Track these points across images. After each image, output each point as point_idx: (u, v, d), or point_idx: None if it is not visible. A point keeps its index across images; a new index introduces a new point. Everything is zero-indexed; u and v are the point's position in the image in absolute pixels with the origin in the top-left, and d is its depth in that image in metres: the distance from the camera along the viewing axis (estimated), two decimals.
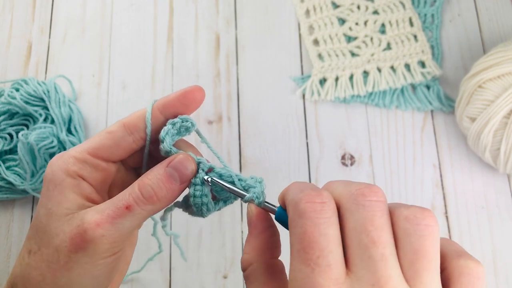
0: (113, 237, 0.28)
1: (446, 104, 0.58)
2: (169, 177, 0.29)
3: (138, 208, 0.28)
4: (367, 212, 0.23)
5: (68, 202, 0.29)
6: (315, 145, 0.58)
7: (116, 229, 0.28)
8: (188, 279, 0.53)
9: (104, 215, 0.28)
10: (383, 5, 0.63)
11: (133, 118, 0.31)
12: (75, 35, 0.64)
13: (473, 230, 0.54)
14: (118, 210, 0.28)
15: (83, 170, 0.30)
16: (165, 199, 0.29)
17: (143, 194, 0.29)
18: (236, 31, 0.63)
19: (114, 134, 0.30)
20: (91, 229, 0.28)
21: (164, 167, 0.29)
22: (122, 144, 0.31)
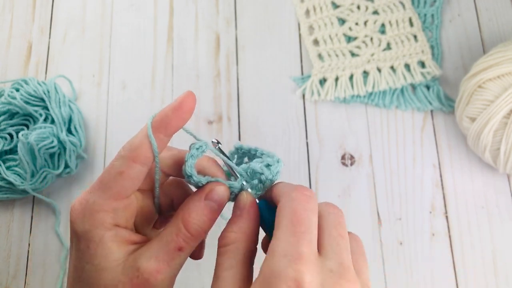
0: (170, 277, 0.30)
1: (446, 104, 0.58)
2: (211, 210, 0.31)
3: (188, 247, 0.30)
4: (338, 217, 0.29)
5: (114, 253, 0.30)
6: (315, 145, 0.58)
7: (172, 270, 0.30)
8: (188, 279, 0.53)
9: (160, 261, 0.29)
10: (383, 5, 0.63)
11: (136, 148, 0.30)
12: (75, 35, 0.64)
13: (473, 230, 0.54)
14: (172, 254, 0.30)
15: (116, 218, 0.30)
16: (209, 229, 0.31)
17: (191, 233, 0.30)
18: (236, 31, 0.63)
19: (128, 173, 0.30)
20: (153, 277, 0.29)
21: (203, 200, 0.31)
22: (140, 177, 0.31)
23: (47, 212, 0.56)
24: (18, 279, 0.54)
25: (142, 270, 0.29)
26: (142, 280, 0.29)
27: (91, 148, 0.59)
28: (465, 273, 0.53)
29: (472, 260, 0.53)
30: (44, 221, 0.56)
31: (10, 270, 0.54)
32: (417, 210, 0.55)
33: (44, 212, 0.56)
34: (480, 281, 0.52)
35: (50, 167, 0.55)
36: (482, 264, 0.53)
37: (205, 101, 0.60)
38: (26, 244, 0.55)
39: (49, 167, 0.55)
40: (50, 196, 0.56)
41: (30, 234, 0.56)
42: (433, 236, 0.54)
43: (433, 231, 0.54)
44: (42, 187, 0.55)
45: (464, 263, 0.53)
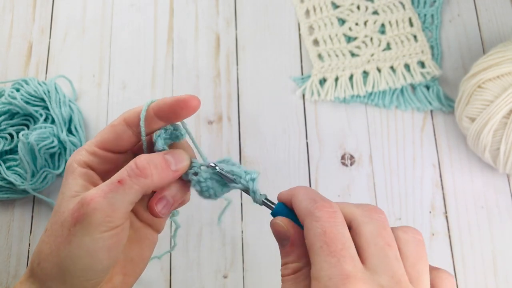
0: (106, 210, 0.30)
1: (445, 104, 0.58)
2: (166, 160, 0.32)
3: (130, 182, 0.31)
4: (379, 223, 0.27)
5: (76, 186, 0.32)
6: (315, 145, 0.58)
7: (108, 203, 0.30)
8: (188, 279, 0.53)
9: (99, 191, 0.31)
10: (383, 6, 0.63)
11: (132, 113, 0.34)
12: (76, 35, 0.64)
13: (473, 230, 0.54)
14: (111, 185, 0.31)
15: (92, 161, 0.34)
16: (157, 177, 0.32)
17: (137, 165, 0.31)
18: (236, 31, 0.63)
19: (116, 127, 0.34)
20: (86, 203, 0.30)
21: (163, 152, 0.33)
22: (123, 136, 0.34)
23: (48, 212, 0.56)
24: (18, 279, 0.54)
25: (81, 198, 0.31)
26: (78, 205, 0.31)
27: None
28: (465, 273, 0.53)
29: (472, 260, 0.53)
30: (45, 221, 0.56)
31: (11, 270, 0.54)
32: (417, 210, 0.55)
33: (45, 212, 0.56)
34: (480, 281, 0.52)
35: (51, 167, 0.55)
36: (482, 264, 0.53)
37: (205, 101, 0.60)
38: (26, 244, 0.55)
39: (50, 167, 0.55)
40: (50, 196, 0.56)
41: (30, 234, 0.56)
42: (433, 236, 0.54)
43: (433, 231, 0.54)
44: (43, 187, 0.55)
45: (464, 263, 0.53)
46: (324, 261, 0.25)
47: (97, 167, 0.34)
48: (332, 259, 0.25)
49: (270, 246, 0.54)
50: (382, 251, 0.26)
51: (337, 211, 0.28)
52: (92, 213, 0.30)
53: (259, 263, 0.53)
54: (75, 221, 0.30)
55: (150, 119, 0.33)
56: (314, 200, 0.28)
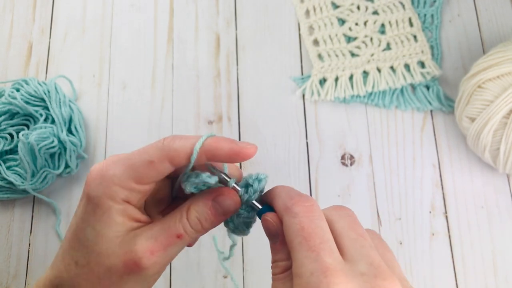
0: (164, 262, 0.31)
1: (445, 104, 0.58)
2: (216, 211, 0.31)
3: (187, 236, 0.31)
4: (350, 218, 0.28)
5: (117, 225, 0.31)
6: (315, 145, 0.58)
7: (167, 255, 0.31)
8: (188, 279, 0.53)
9: (157, 243, 0.30)
10: (383, 6, 0.63)
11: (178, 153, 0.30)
12: (76, 35, 0.64)
13: (473, 230, 0.54)
14: (170, 239, 0.30)
15: (130, 196, 0.31)
16: (209, 228, 0.32)
17: (192, 226, 0.31)
18: (236, 31, 0.63)
19: (157, 166, 0.30)
20: (146, 257, 0.30)
21: (211, 200, 0.31)
22: (166, 173, 0.31)
23: (48, 212, 0.56)
24: (18, 279, 0.54)
25: (137, 247, 0.30)
26: (135, 257, 0.29)
27: (91, 148, 0.59)
28: (464, 273, 0.53)
29: (472, 260, 0.53)
30: (45, 221, 0.56)
31: (11, 270, 0.54)
32: (417, 210, 0.55)
33: (45, 212, 0.56)
34: (480, 281, 0.52)
35: (51, 167, 0.55)
36: (482, 264, 0.53)
37: (205, 101, 0.60)
38: (26, 244, 0.55)
39: (50, 167, 0.55)
40: (50, 196, 0.56)
41: (30, 234, 0.56)
42: (433, 236, 0.54)
43: (433, 231, 0.54)
44: (43, 187, 0.55)
45: (464, 263, 0.53)
46: (304, 257, 0.25)
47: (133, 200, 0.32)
48: (311, 254, 0.25)
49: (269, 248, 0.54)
50: (357, 242, 0.27)
51: (314, 204, 0.28)
52: (152, 267, 0.30)
53: (259, 263, 0.53)
54: (130, 272, 0.30)
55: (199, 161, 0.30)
56: (290, 197, 0.28)
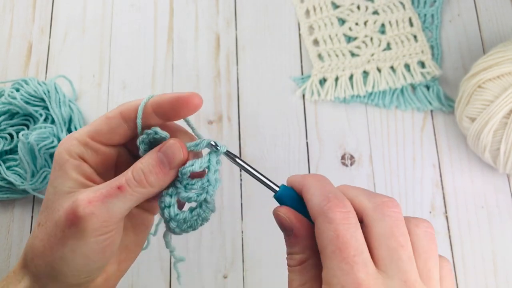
0: (103, 216, 0.29)
1: (445, 104, 0.58)
2: (160, 162, 0.30)
3: (130, 190, 0.30)
4: (393, 221, 0.26)
5: (70, 181, 0.31)
6: (315, 145, 0.58)
7: (106, 208, 0.29)
8: (188, 279, 0.53)
9: (97, 194, 0.29)
10: (383, 5, 0.63)
11: (129, 107, 0.32)
12: (76, 35, 0.64)
13: (473, 230, 0.54)
14: (110, 190, 0.29)
15: (84, 152, 0.32)
16: (155, 183, 0.30)
17: (134, 177, 0.30)
18: (236, 31, 0.63)
19: (111, 120, 0.32)
20: (82, 205, 0.29)
21: (156, 152, 0.31)
22: (118, 130, 0.32)
23: None
24: None
25: (77, 198, 0.29)
26: (74, 206, 0.29)
27: None
28: (465, 273, 0.53)
29: (472, 260, 0.53)
30: None
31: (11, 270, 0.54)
32: (417, 210, 0.55)
33: None
34: (480, 280, 0.52)
35: (50, 167, 0.55)
36: (482, 264, 0.53)
37: (205, 101, 0.60)
38: None
39: (49, 167, 0.55)
40: None
41: (30, 234, 0.56)
42: None
43: None
44: (43, 187, 0.55)
45: (464, 263, 0.53)
46: (337, 268, 0.25)
47: (89, 159, 0.32)
48: (345, 266, 0.25)
49: (270, 246, 0.54)
50: (396, 253, 0.25)
51: (350, 211, 0.27)
52: (88, 217, 0.29)
53: (259, 263, 0.53)
54: (70, 224, 0.29)
55: (148, 115, 0.32)
56: (327, 198, 0.27)
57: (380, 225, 0.26)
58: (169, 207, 0.32)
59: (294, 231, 0.28)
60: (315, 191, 0.28)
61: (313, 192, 0.28)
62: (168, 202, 0.32)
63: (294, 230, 0.28)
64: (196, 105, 0.31)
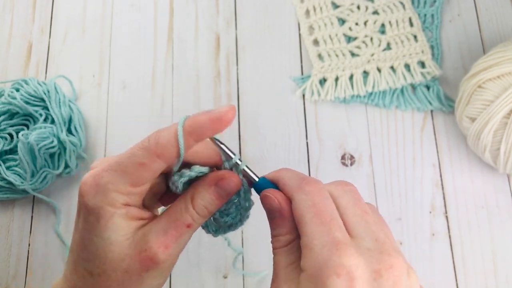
0: (177, 253, 0.32)
1: (446, 104, 0.58)
2: (219, 195, 0.32)
3: (196, 225, 0.32)
4: (352, 194, 0.30)
5: (123, 229, 0.31)
6: (315, 145, 0.58)
7: (180, 245, 0.32)
8: (188, 279, 0.53)
9: (169, 236, 0.31)
10: (383, 5, 0.63)
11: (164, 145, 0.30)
12: (76, 35, 0.64)
13: (473, 230, 0.54)
14: (180, 230, 0.31)
15: (128, 200, 0.31)
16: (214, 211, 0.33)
17: (199, 213, 0.31)
18: (236, 31, 0.63)
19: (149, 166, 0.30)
20: (161, 252, 0.30)
21: (213, 186, 0.32)
22: (159, 171, 0.31)
23: (47, 212, 0.56)
24: (18, 279, 0.54)
25: (150, 244, 0.30)
26: (150, 254, 0.30)
27: (91, 148, 0.59)
28: (465, 273, 0.53)
29: (472, 260, 0.53)
30: (44, 221, 0.56)
31: (10, 270, 0.54)
32: (417, 210, 0.55)
33: (44, 212, 0.56)
34: (480, 281, 0.52)
35: (50, 167, 0.55)
36: (482, 264, 0.53)
37: (205, 101, 0.60)
38: (26, 244, 0.55)
39: (49, 167, 0.55)
40: (50, 196, 0.56)
41: (30, 234, 0.56)
42: (433, 236, 0.54)
43: (433, 231, 0.54)
44: (42, 187, 0.55)
45: (464, 263, 0.53)
46: (316, 231, 0.27)
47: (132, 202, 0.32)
48: (323, 228, 0.27)
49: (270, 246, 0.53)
50: (362, 219, 0.28)
51: (323, 186, 0.30)
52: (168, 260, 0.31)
53: (259, 263, 0.53)
54: (149, 268, 0.30)
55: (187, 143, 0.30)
56: (302, 178, 0.30)
57: (344, 199, 0.30)
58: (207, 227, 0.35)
59: (282, 211, 0.30)
60: (291, 175, 0.31)
61: (289, 176, 0.31)
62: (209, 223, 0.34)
63: (281, 210, 0.30)
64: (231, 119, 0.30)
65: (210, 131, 0.30)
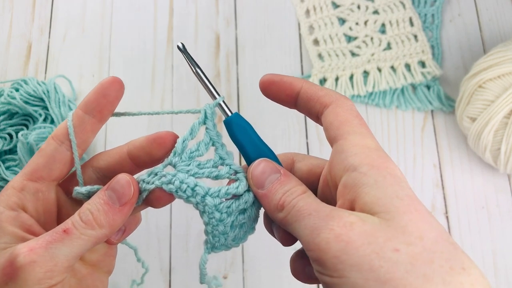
0: (46, 264, 0.25)
1: (446, 104, 0.58)
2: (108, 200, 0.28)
3: (77, 232, 0.26)
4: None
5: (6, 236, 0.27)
6: (315, 145, 0.58)
7: (50, 254, 0.25)
8: (188, 279, 0.53)
9: (39, 241, 0.26)
10: (383, 5, 0.63)
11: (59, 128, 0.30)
12: (75, 35, 0.64)
13: (473, 230, 0.54)
14: (54, 234, 0.26)
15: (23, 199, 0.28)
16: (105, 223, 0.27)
17: (81, 218, 0.27)
18: (236, 31, 0.63)
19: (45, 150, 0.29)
20: (22, 254, 0.25)
21: (104, 190, 0.28)
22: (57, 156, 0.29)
23: None
24: None
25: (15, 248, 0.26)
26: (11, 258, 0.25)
27: (90, 148, 0.59)
28: None
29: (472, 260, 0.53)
30: None
31: None
32: None
33: None
34: None
35: None
36: (483, 264, 0.53)
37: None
38: None
39: None
40: None
41: None
42: None
43: None
44: None
45: None
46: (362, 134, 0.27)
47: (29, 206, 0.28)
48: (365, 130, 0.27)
49: (270, 246, 0.53)
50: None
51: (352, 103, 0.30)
52: (29, 267, 0.25)
53: (259, 263, 0.53)
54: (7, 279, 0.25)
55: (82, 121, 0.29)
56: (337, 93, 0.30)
57: None
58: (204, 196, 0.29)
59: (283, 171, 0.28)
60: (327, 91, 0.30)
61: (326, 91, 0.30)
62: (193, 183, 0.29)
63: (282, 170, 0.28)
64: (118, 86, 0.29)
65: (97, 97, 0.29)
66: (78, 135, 0.29)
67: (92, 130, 0.30)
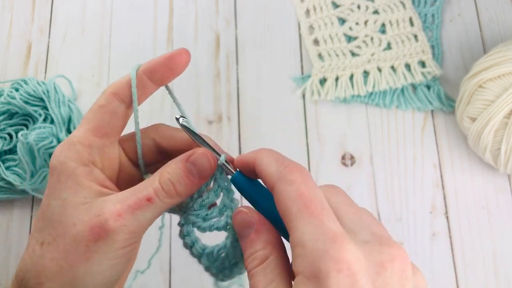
0: (133, 227, 0.28)
1: (446, 104, 0.58)
2: (189, 172, 0.29)
3: (159, 201, 0.29)
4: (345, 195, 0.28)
5: (84, 190, 0.29)
6: (315, 145, 0.58)
7: (136, 219, 0.28)
8: (188, 279, 0.53)
9: (125, 205, 0.28)
10: (384, 5, 0.63)
11: (120, 85, 0.31)
12: (75, 34, 0.64)
13: (474, 230, 0.54)
14: (139, 201, 0.28)
15: (94, 155, 0.30)
16: (184, 194, 0.30)
17: (163, 188, 0.29)
18: (236, 31, 0.63)
19: (106, 107, 0.30)
20: (112, 219, 0.27)
21: (184, 161, 0.30)
22: (118, 113, 0.31)
23: None
24: None
25: (104, 210, 0.28)
26: (101, 220, 0.27)
27: None
28: (465, 273, 0.52)
29: (473, 260, 0.53)
30: None
31: (9, 271, 0.54)
32: (417, 210, 0.55)
33: None
34: (481, 281, 0.52)
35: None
36: (483, 264, 0.53)
37: (205, 101, 0.60)
38: (25, 245, 0.55)
39: (49, 167, 0.55)
40: None
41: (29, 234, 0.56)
42: (434, 236, 0.54)
43: (433, 231, 0.54)
44: (42, 187, 0.55)
45: (465, 263, 0.53)
46: (306, 224, 0.23)
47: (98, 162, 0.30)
48: (314, 220, 0.23)
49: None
50: (355, 215, 0.26)
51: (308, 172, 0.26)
52: (119, 229, 0.27)
53: None
54: (97, 237, 0.27)
55: (143, 83, 0.30)
56: (283, 163, 0.26)
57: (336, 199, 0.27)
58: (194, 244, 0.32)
59: (256, 226, 0.27)
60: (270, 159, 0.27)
61: (267, 162, 0.27)
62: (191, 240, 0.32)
63: (256, 225, 0.27)
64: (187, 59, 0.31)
65: (163, 69, 0.31)
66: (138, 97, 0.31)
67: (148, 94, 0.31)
